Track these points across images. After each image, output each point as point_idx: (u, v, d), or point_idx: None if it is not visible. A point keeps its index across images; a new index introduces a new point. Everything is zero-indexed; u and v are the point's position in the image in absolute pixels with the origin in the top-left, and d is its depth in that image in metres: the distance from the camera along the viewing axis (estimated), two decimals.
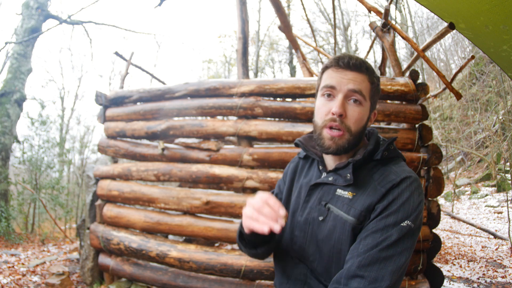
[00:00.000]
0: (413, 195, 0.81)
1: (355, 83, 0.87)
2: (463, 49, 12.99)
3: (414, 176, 0.85)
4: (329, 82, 0.89)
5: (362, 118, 0.89)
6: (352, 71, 0.88)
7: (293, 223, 0.98)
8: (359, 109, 0.88)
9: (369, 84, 0.90)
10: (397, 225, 0.78)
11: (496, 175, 8.17)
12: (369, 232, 0.79)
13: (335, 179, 0.91)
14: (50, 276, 3.24)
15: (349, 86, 0.87)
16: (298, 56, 4.71)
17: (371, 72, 0.90)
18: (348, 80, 0.87)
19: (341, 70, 0.89)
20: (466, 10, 1.15)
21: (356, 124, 0.88)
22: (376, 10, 3.39)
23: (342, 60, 0.89)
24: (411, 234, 0.79)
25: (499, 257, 4.39)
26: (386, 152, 0.90)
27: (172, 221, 2.79)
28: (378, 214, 0.81)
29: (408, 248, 0.78)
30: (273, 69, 18.66)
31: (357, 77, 0.88)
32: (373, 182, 0.86)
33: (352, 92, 0.87)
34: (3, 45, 7.24)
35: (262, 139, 2.76)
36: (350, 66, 0.88)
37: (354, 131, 0.88)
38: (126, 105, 3.34)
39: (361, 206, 0.83)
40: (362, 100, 0.88)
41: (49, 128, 8.18)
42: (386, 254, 0.76)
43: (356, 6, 18.01)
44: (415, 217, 0.80)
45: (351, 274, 0.76)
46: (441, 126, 11.11)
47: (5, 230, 6.07)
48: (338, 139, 0.87)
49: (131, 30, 15.25)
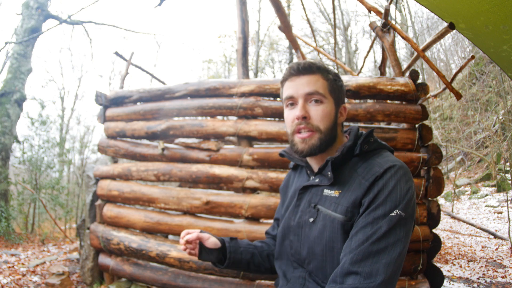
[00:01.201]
0: (399, 183, 0.80)
1: (309, 85, 0.91)
2: (463, 49, 12.99)
3: (399, 164, 0.84)
4: (288, 93, 0.94)
5: (328, 115, 0.91)
6: (304, 75, 0.92)
7: (288, 228, 1.00)
8: (321, 107, 0.91)
9: (325, 81, 0.93)
10: (386, 216, 0.77)
11: (496, 175, 8.17)
12: (359, 227, 0.79)
13: (321, 180, 0.93)
14: (50, 276, 3.24)
15: (305, 90, 0.91)
16: (298, 56, 4.71)
17: (323, 70, 0.94)
18: (303, 84, 0.91)
19: (294, 78, 0.93)
20: (466, 10, 1.15)
21: (323, 122, 0.90)
22: (376, 10, 3.39)
23: (293, 68, 0.93)
24: (403, 223, 0.77)
25: (499, 257, 4.39)
26: (366, 145, 0.91)
27: (172, 221, 2.79)
28: (366, 208, 0.80)
29: (402, 238, 0.76)
30: (273, 69, 18.68)
31: (310, 79, 0.92)
32: (357, 177, 0.86)
33: (309, 95, 0.91)
34: (3, 45, 7.25)
35: (262, 139, 2.76)
36: (300, 71, 0.92)
37: (324, 128, 0.90)
38: (126, 105, 3.34)
39: (347, 203, 0.84)
40: (322, 98, 0.91)
41: (49, 128, 8.18)
42: (378, 247, 0.74)
43: (356, 6, 18.02)
44: (405, 205, 0.79)
45: (346, 271, 0.76)
46: (441, 126, 11.11)
47: (5, 230, 6.07)
48: (309, 140, 0.90)
49: (131, 30, 15.26)
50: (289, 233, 0.98)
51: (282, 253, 1.02)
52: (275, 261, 1.07)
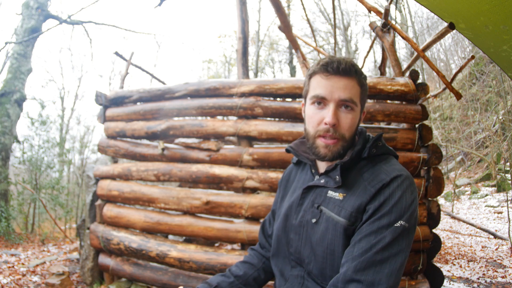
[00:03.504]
0: (405, 194, 0.80)
1: (345, 91, 0.86)
2: (463, 49, 12.99)
3: (405, 174, 0.84)
4: (319, 92, 0.87)
5: (355, 123, 0.90)
6: (342, 77, 0.86)
7: (288, 226, 0.99)
8: (351, 115, 0.88)
9: (359, 88, 0.89)
10: (391, 226, 0.77)
11: (496, 175, 8.17)
12: (363, 235, 0.79)
13: (327, 181, 0.92)
14: (50, 276, 3.24)
15: (340, 95, 0.86)
16: (298, 56, 4.71)
17: (359, 74, 0.89)
18: (339, 88, 0.85)
19: (330, 76, 0.86)
20: (466, 10, 1.15)
21: (349, 131, 0.89)
22: (376, 10, 3.39)
23: (331, 65, 0.86)
24: (406, 234, 0.78)
25: (499, 257, 4.39)
26: (374, 149, 0.90)
27: (172, 221, 2.79)
28: (371, 216, 0.80)
29: (404, 249, 0.77)
30: (273, 69, 18.67)
31: (347, 83, 0.86)
32: (363, 182, 0.85)
33: (343, 101, 0.86)
34: (3, 45, 7.24)
35: (262, 139, 2.76)
36: (340, 72, 0.85)
37: (348, 137, 0.89)
38: (126, 105, 3.34)
39: (351, 207, 0.83)
40: (354, 106, 0.88)
41: (49, 128, 8.18)
42: (381, 256, 0.75)
43: (356, 6, 18.02)
44: (409, 216, 0.79)
45: (348, 278, 0.76)
46: (441, 126, 11.11)
47: (5, 230, 6.07)
48: (333, 147, 0.88)
49: (131, 30, 15.25)
50: (289, 231, 0.98)
51: (280, 251, 1.01)
52: (271, 258, 1.05)
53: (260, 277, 1.08)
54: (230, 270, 1.07)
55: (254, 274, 1.07)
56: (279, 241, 1.01)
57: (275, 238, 1.03)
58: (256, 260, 1.12)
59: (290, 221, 0.98)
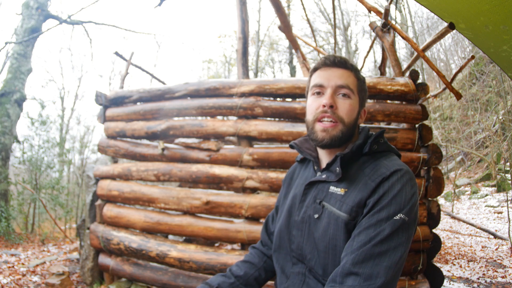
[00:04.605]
0: (405, 188, 0.81)
1: (341, 78, 0.92)
2: (463, 49, 12.99)
3: (405, 168, 0.85)
4: (318, 81, 0.94)
5: (353, 110, 0.92)
6: (338, 68, 0.93)
7: (290, 222, 0.99)
8: (349, 101, 0.91)
9: (355, 79, 0.94)
10: (390, 218, 0.77)
11: (496, 175, 8.17)
12: (362, 228, 0.79)
13: (328, 176, 0.92)
14: (50, 276, 3.24)
15: (337, 82, 0.91)
16: (298, 56, 4.71)
17: (355, 70, 0.95)
18: (335, 76, 0.92)
19: (327, 68, 0.94)
20: (466, 10, 1.15)
21: (348, 115, 0.91)
22: (376, 10, 3.39)
23: (328, 59, 0.94)
24: (406, 228, 0.78)
25: (499, 257, 4.39)
26: (376, 145, 0.91)
27: (172, 221, 2.79)
28: (370, 209, 0.80)
29: (403, 243, 0.76)
30: (273, 69, 18.66)
31: (343, 73, 0.93)
32: (364, 177, 0.86)
33: (340, 88, 0.91)
34: (3, 45, 7.24)
35: (262, 139, 2.76)
36: (336, 63, 0.93)
37: (348, 122, 0.91)
38: (126, 105, 3.34)
39: (352, 202, 0.84)
40: (351, 93, 0.92)
41: (49, 128, 8.18)
42: (380, 249, 0.75)
43: (356, 6, 18.01)
44: (409, 210, 0.79)
45: (346, 271, 0.76)
46: (441, 126, 11.11)
47: (5, 230, 6.07)
48: (332, 130, 0.89)
49: (131, 30, 15.25)
50: (291, 228, 0.98)
51: (281, 247, 1.01)
52: (273, 253, 1.05)
53: (261, 277, 1.08)
54: (230, 270, 1.08)
55: (255, 273, 1.08)
56: (281, 238, 1.01)
57: (277, 234, 1.03)
58: (257, 259, 1.12)
59: (293, 217, 0.99)
